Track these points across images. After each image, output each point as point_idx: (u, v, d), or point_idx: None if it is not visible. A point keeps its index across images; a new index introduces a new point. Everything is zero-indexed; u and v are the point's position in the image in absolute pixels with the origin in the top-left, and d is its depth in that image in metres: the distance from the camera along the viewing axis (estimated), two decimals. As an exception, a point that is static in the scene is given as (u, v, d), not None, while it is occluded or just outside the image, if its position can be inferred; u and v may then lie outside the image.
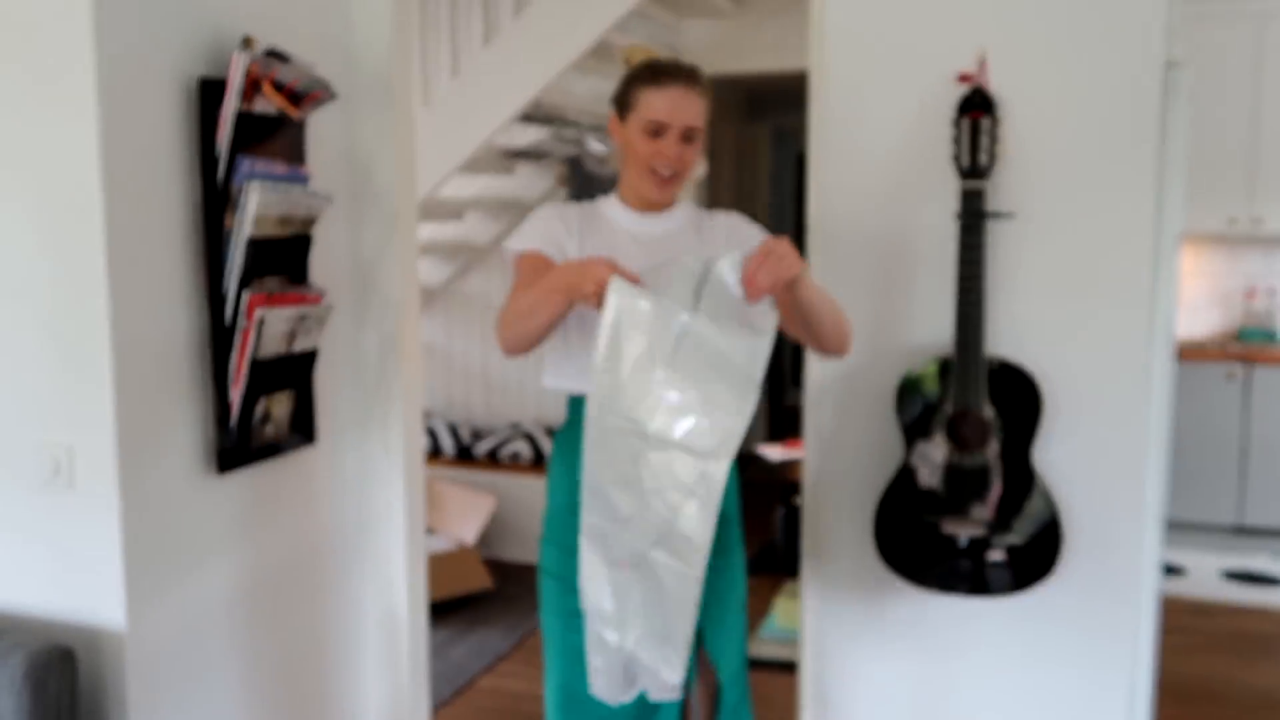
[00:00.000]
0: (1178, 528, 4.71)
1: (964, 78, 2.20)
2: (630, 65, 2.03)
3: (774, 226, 7.49)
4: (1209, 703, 3.42)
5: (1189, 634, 3.99)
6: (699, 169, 2.08)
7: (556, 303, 1.80)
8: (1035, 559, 2.23)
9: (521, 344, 1.89)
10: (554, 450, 2.11)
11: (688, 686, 2.04)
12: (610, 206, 2.05)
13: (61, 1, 1.85)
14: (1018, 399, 2.20)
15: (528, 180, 5.42)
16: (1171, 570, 4.56)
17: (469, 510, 4.59)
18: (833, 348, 1.97)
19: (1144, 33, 2.13)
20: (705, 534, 1.72)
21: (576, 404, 2.06)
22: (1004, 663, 2.34)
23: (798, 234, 2.42)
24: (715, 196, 5.78)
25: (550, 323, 1.84)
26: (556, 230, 1.99)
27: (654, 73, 1.96)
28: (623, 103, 2.01)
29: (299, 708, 2.43)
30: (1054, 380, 2.22)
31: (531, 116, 4.71)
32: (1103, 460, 2.23)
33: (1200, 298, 5.33)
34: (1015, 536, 2.23)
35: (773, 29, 5.09)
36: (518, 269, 1.99)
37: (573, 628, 2.02)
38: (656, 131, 1.94)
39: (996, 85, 2.20)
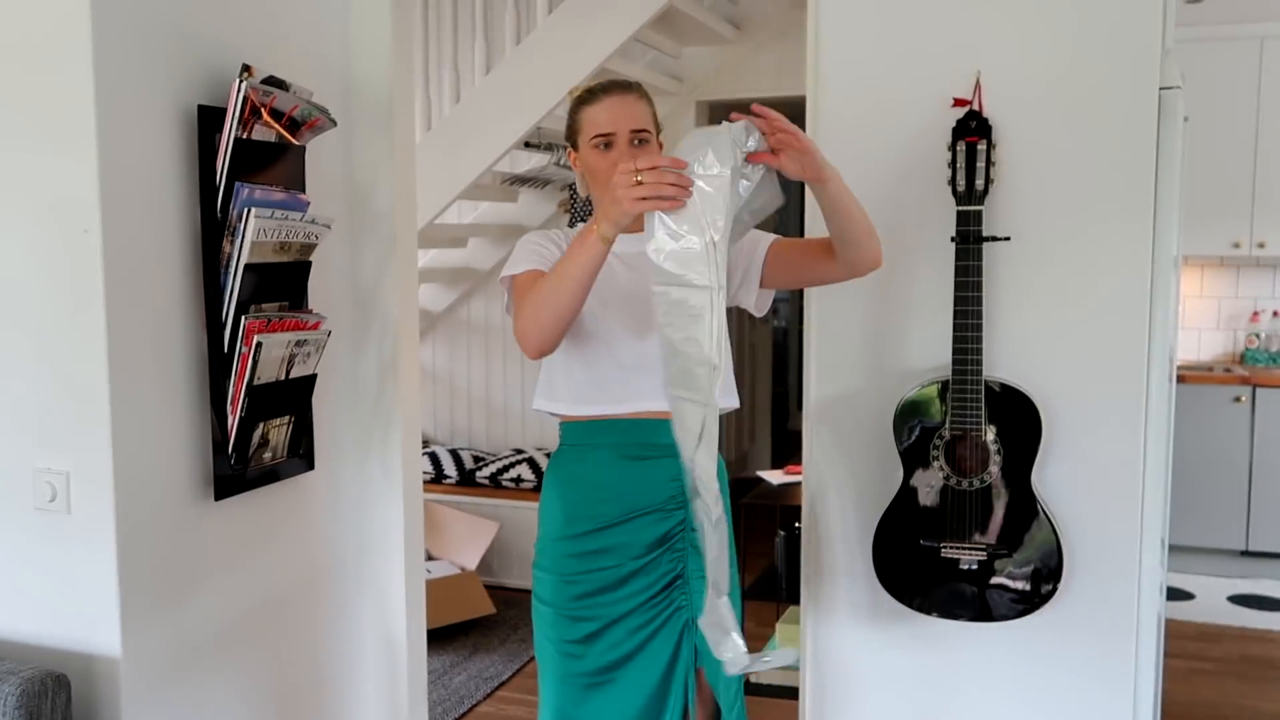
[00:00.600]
0: (1185, 552, 4.68)
1: (959, 102, 2.21)
2: (572, 98, 2.07)
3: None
4: (1217, 729, 3.39)
5: (1196, 659, 3.95)
6: None
7: (589, 246, 1.74)
8: (1036, 584, 2.21)
9: (556, 321, 1.81)
10: (547, 477, 2.10)
11: (687, 711, 2.03)
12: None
13: (61, 29, 1.87)
14: (1017, 421, 2.20)
15: (530, 206, 5.44)
16: (1179, 595, 4.53)
17: (471, 536, 4.58)
18: (866, 261, 1.95)
19: (1138, 56, 2.14)
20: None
21: (569, 430, 2.06)
22: (1005, 687, 2.32)
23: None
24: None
25: (587, 279, 1.76)
26: (549, 251, 2.00)
27: (588, 93, 2.01)
28: (571, 132, 2.03)
29: (296, 735, 2.42)
30: (1052, 402, 2.22)
31: (533, 143, 4.73)
32: (1102, 482, 2.22)
33: (1205, 321, 5.33)
34: (1016, 561, 2.22)
35: (774, 55, 5.12)
36: (517, 287, 1.96)
37: (566, 653, 2.01)
38: (607, 144, 1.96)
39: (991, 109, 2.20)
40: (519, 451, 5.22)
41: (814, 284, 2.24)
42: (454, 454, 5.17)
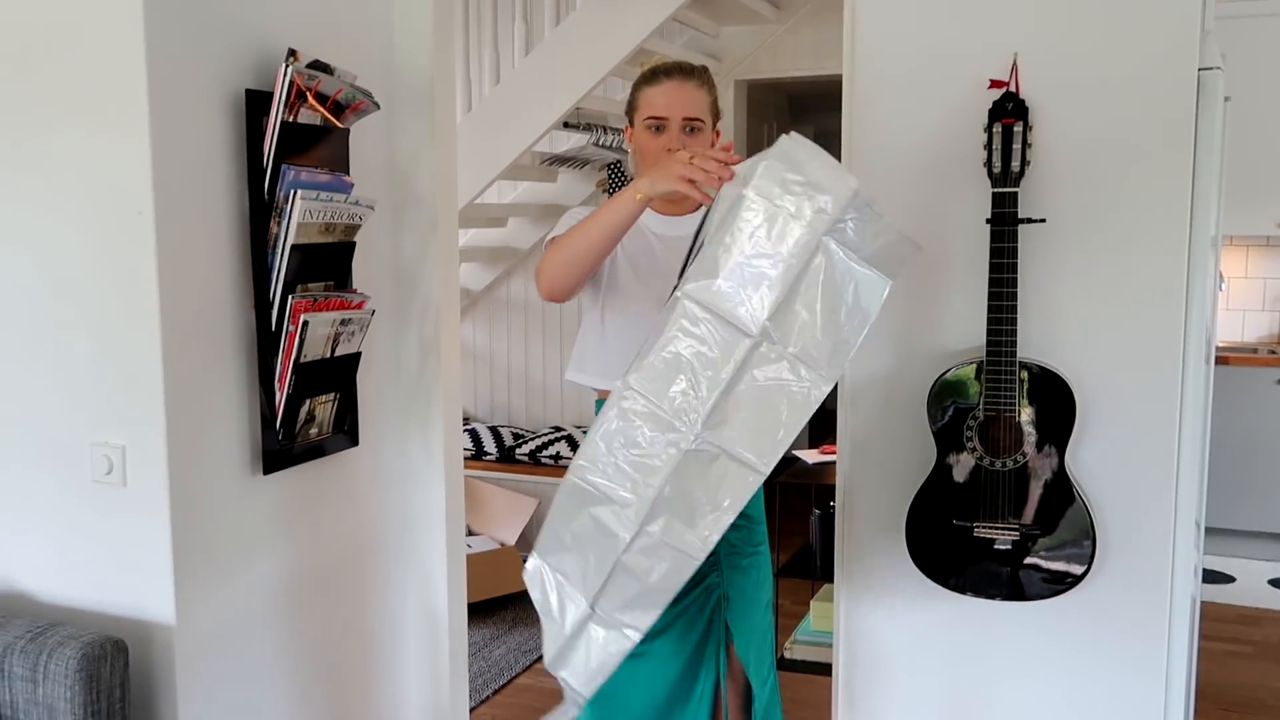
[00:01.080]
0: (1226, 535, 4.64)
1: (995, 83, 2.21)
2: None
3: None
4: (1256, 712, 3.38)
5: (1236, 641, 3.93)
6: None
7: (625, 199, 1.77)
8: (1069, 563, 2.23)
9: (574, 264, 1.85)
10: None
11: (718, 687, 2.07)
12: None
13: (113, 16, 1.93)
14: (1051, 402, 2.21)
15: (569, 186, 5.48)
16: (1220, 578, 4.49)
17: (510, 511, 4.65)
18: None
19: (1177, 37, 2.13)
20: None
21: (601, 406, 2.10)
22: (1037, 667, 2.34)
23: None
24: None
25: (615, 230, 1.80)
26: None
27: (651, 73, 2.05)
28: (630, 108, 2.09)
29: (340, 702, 2.49)
30: (1087, 384, 2.22)
31: (572, 123, 4.76)
32: (1136, 464, 2.23)
33: (1250, 301, 5.26)
34: (1049, 541, 2.23)
35: (813, 33, 5.10)
36: (554, 242, 2.00)
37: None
38: (659, 127, 2.01)
39: (1028, 90, 2.20)
40: (558, 429, 5.27)
41: None
42: (494, 431, 5.24)
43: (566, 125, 4.74)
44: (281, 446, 2.21)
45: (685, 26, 4.97)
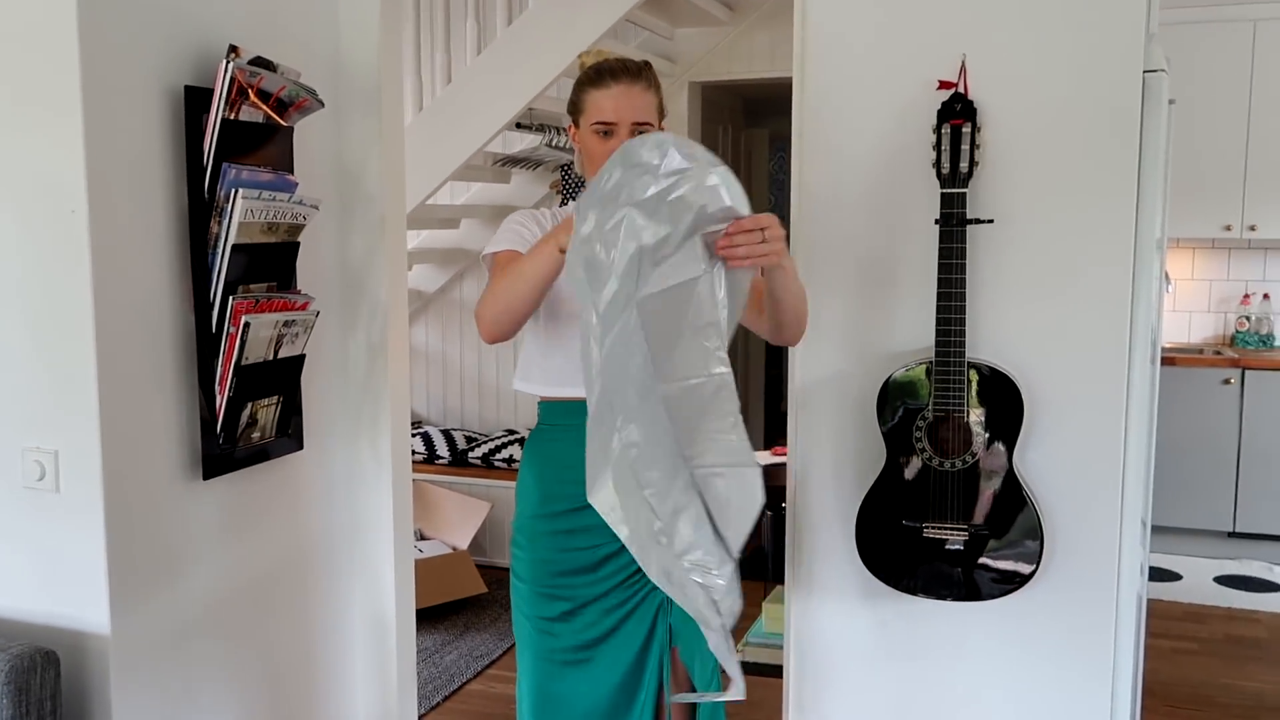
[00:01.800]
0: (1173, 533, 4.71)
1: (944, 84, 2.21)
2: (582, 69, 2.04)
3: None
4: (1202, 707, 3.42)
5: (1182, 638, 3.99)
6: None
7: (546, 255, 1.77)
8: (1017, 563, 2.24)
9: (508, 316, 1.85)
10: (524, 455, 2.13)
11: (661, 689, 2.06)
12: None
13: (46, 10, 1.87)
14: (999, 403, 2.22)
15: (522, 187, 5.44)
16: (1166, 575, 4.56)
17: (463, 515, 4.61)
18: (783, 340, 1.97)
19: (1123, 40, 2.15)
20: None
21: (546, 409, 2.08)
22: (987, 666, 2.35)
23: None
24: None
25: (540, 284, 1.80)
26: (529, 232, 2.01)
27: (598, 73, 1.97)
28: (574, 108, 2.02)
29: (285, 712, 2.44)
30: (1035, 384, 2.24)
31: (525, 124, 4.73)
32: (1083, 463, 2.24)
33: (1196, 303, 5.35)
34: (997, 541, 2.24)
35: (767, 36, 5.11)
36: (494, 267, 2.00)
37: (542, 630, 2.04)
38: (607, 132, 1.94)
39: (976, 91, 2.21)
40: (511, 432, 5.24)
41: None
42: (446, 434, 5.19)
43: (519, 126, 4.70)
44: (222, 450, 2.16)
45: (639, 28, 4.96)
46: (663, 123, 2.04)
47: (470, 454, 5.02)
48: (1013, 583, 2.24)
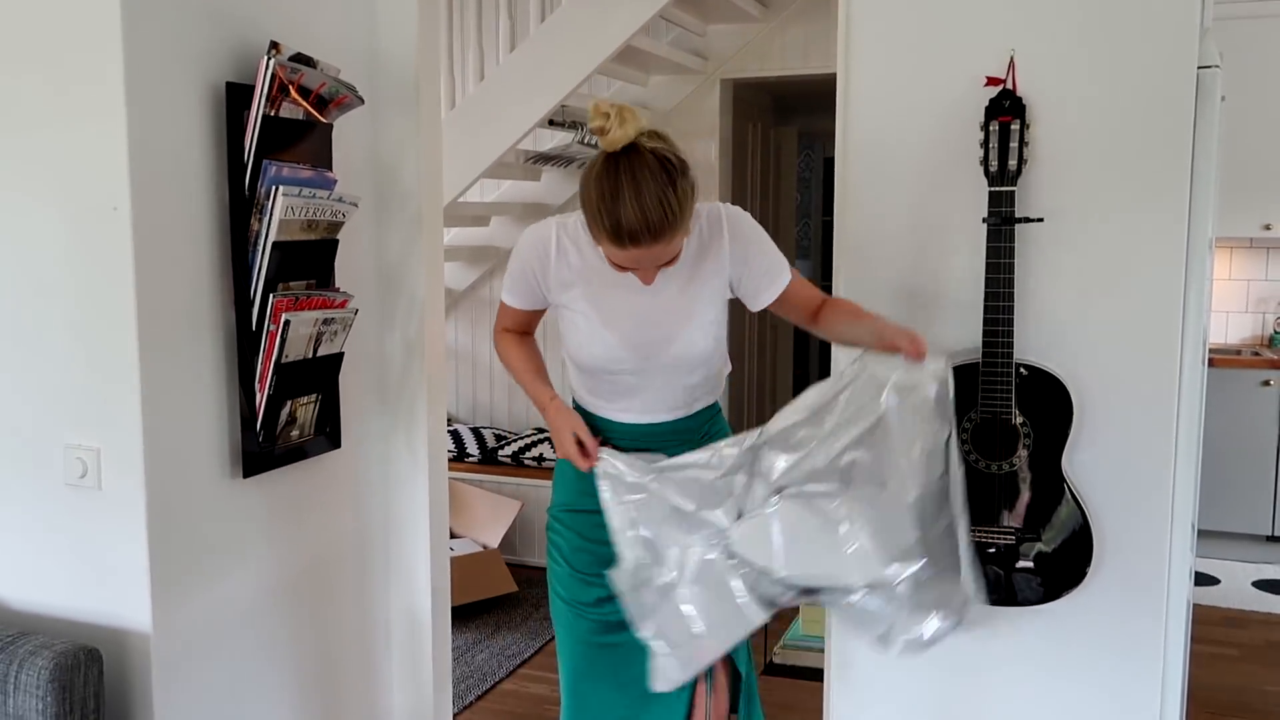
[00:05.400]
0: (1211, 537, 4.64)
1: (992, 81, 2.17)
2: (607, 140, 1.73)
3: (801, 230, 7.47)
4: (1244, 714, 3.37)
5: (1222, 644, 3.93)
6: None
7: (540, 408, 2.10)
8: (1065, 567, 2.20)
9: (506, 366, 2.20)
10: None
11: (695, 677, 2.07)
12: (592, 249, 1.95)
13: (90, 8, 1.87)
14: (1047, 404, 2.18)
15: (552, 185, 5.43)
16: (1205, 580, 4.49)
17: (494, 514, 4.60)
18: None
19: (1176, 34, 2.10)
20: None
21: (581, 409, 2.10)
22: (1031, 672, 2.31)
23: (825, 237, 2.41)
24: (741, 198, 5.76)
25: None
26: (533, 282, 2.02)
27: (615, 234, 1.74)
28: (587, 224, 1.83)
29: (322, 709, 2.43)
30: (1083, 385, 2.19)
31: (557, 121, 4.71)
32: (1133, 466, 2.20)
33: (1234, 303, 5.27)
34: (1044, 545, 2.20)
35: (800, 32, 5.07)
36: (499, 313, 2.16)
37: (578, 614, 2.06)
38: (623, 266, 1.86)
39: (1025, 88, 2.17)
40: (541, 430, 5.22)
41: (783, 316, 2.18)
42: (476, 432, 5.19)
43: (551, 123, 4.69)
44: (262, 449, 2.15)
45: (672, 24, 4.93)
46: (692, 178, 1.81)
47: (500, 452, 5.01)
48: (1060, 586, 2.20)
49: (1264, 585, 4.49)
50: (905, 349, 1.86)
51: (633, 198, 1.70)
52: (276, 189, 2.05)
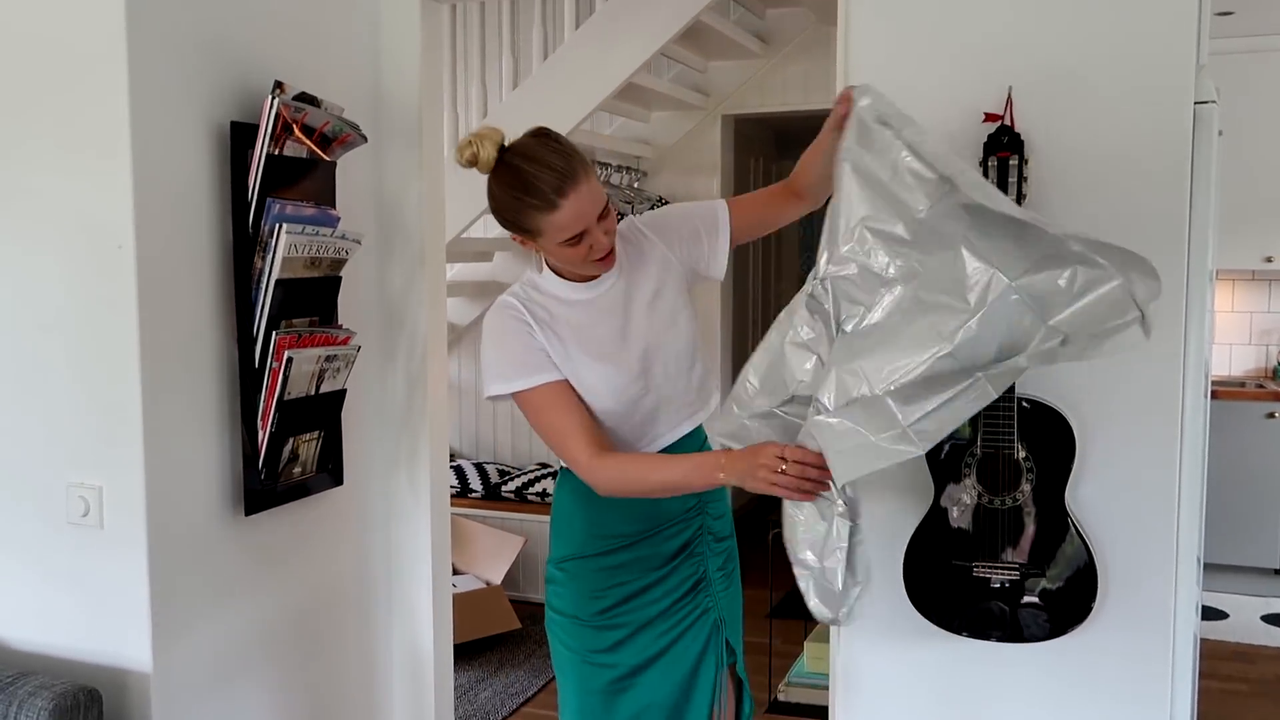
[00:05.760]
0: (1219, 571, 4.61)
1: (990, 116, 2.19)
2: (481, 164, 1.82)
3: (805, 262, 7.48)
4: (1253, 751, 3.33)
5: (1231, 679, 3.89)
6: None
7: (706, 479, 1.79)
8: (1070, 603, 2.18)
9: (638, 494, 1.88)
10: (562, 490, 2.05)
11: (712, 709, 2.03)
12: (552, 284, 1.93)
13: (96, 46, 1.89)
14: (1049, 439, 2.17)
15: (556, 220, 5.45)
16: (1213, 614, 4.46)
17: (496, 550, 4.58)
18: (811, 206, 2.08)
19: (1172, 71, 2.12)
20: None
21: None
22: (1038, 709, 2.29)
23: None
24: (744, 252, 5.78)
25: (683, 491, 1.88)
26: (535, 356, 1.87)
27: (541, 194, 1.75)
28: (522, 230, 1.82)
29: (324, 750, 2.42)
30: (1086, 419, 2.19)
31: (560, 157, 4.73)
32: (1136, 500, 2.19)
33: (1237, 336, 5.26)
34: (1049, 580, 2.19)
35: (800, 68, 5.11)
36: (533, 405, 1.88)
37: (590, 662, 2.01)
38: (577, 240, 1.80)
39: (1023, 124, 2.18)
40: (544, 465, 5.22)
41: (770, 229, 2.18)
42: (479, 468, 5.18)
43: (554, 160, 4.71)
44: (264, 486, 2.15)
45: (673, 61, 4.97)
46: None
47: (504, 487, 5.00)
48: (1065, 622, 2.19)
49: (1273, 619, 4.45)
50: (838, 111, 1.78)
51: (535, 168, 1.77)
52: (280, 226, 2.06)
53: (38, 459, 2.00)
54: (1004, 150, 2.16)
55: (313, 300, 2.22)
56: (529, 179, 1.76)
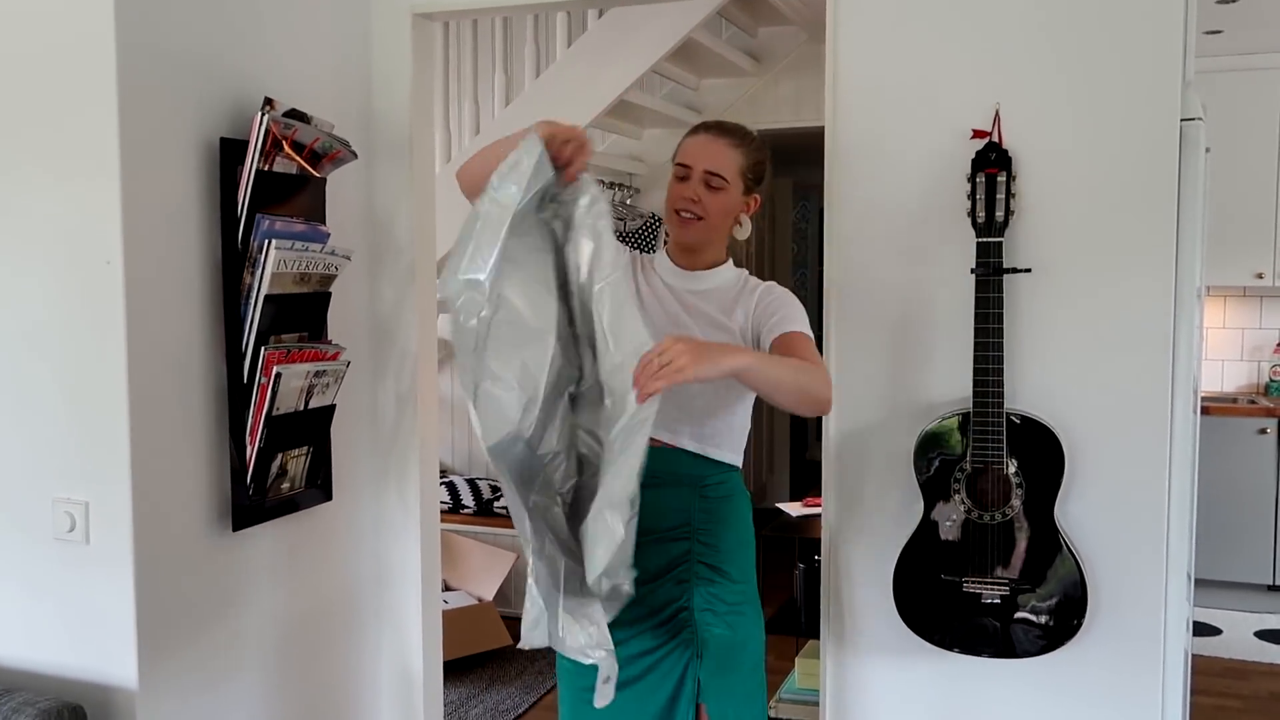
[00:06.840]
0: (1211, 587, 4.61)
1: (978, 133, 2.20)
2: None
3: (799, 280, 7.50)
4: (1246, 768, 3.32)
5: (1224, 695, 3.88)
6: (742, 231, 2.14)
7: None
8: (1061, 619, 2.18)
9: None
10: None
11: None
12: (661, 258, 2.13)
13: (86, 62, 1.89)
14: (1039, 454, 2.17)
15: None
16: (1206, 630, 4.45)
17: (488, 566, 4.57)
18: (803, 413, 1.98)
19: (1159, 88, 2.13)
20: None
21: None
22: (1030, 726, 2.28)
23: (822, 288, 2.42)
24: (736, 250, 5.80)
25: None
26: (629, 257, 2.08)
27: (695, 127, 2.09)
28: (677, 152, 2.10)
29: (311, 768, 2.40)
30: (1075, 434, 2.19)
31: (552, 174, 4.74)
32: (1126, 515, 2.19)
33: (1229, 352, 5.28)
34: (1039, 596, 2.18)
35: (791, 86, 5.13)
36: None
37: (584, 700, 1.99)
38: (683, 176, 2.02)
39: (1011, 141, 2.20)
40: (537, 482, 5.20)
41: None
42: (471, 484, 5.17)
43: (546, 176, 4.71)
44: (252, 502, 2.14)
45: (665, 79, 4.99)
46: (756, 191, 2.09)
47: (495, 503, 4.98)
48: (1055, 638, 2.18)
49: (1266, 635, 4.45)
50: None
51: (712, 120, 2.13)
52: (269, 242, 2.06)
53: (24, 474, 1.99)
54: (992, 167, 2.17)
55: (302, 316, 2.21)
56: (708, 121, 2.11)
